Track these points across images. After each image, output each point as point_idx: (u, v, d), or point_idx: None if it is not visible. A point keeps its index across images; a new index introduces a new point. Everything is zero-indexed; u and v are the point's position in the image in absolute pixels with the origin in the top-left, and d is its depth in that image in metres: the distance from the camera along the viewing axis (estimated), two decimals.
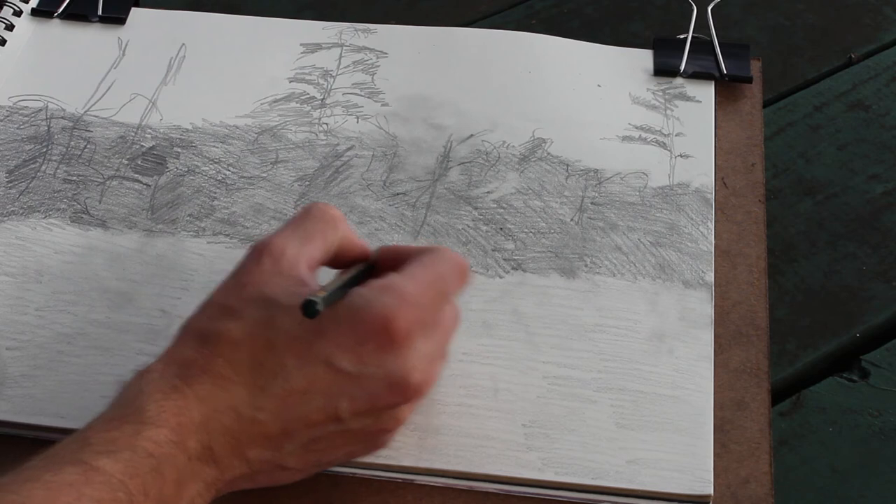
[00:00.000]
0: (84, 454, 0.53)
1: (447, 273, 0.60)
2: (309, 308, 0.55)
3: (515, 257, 0.71)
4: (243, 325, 0.57)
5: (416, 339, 0.57)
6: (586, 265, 0.71)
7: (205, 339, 0.57)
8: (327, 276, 0.61)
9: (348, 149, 0.77)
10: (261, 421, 0.56)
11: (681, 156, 0.76)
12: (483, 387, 0.66)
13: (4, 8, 0.84)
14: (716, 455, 0.63)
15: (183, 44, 0.83)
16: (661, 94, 0.80)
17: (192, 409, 0.55)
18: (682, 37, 0.83)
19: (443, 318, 0.60)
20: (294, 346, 0.56)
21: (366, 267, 0.62)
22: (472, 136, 0.78)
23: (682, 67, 0.81)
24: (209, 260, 0.71)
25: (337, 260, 0.62)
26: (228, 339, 0.56)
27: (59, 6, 0.85)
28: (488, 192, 0.75)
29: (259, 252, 0.59)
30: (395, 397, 0.57)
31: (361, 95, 0.80)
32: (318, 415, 0.57)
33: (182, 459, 0.54)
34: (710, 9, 0.83)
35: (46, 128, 0.78)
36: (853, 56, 0.86)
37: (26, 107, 0.79)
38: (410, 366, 0.57)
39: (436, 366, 0.59)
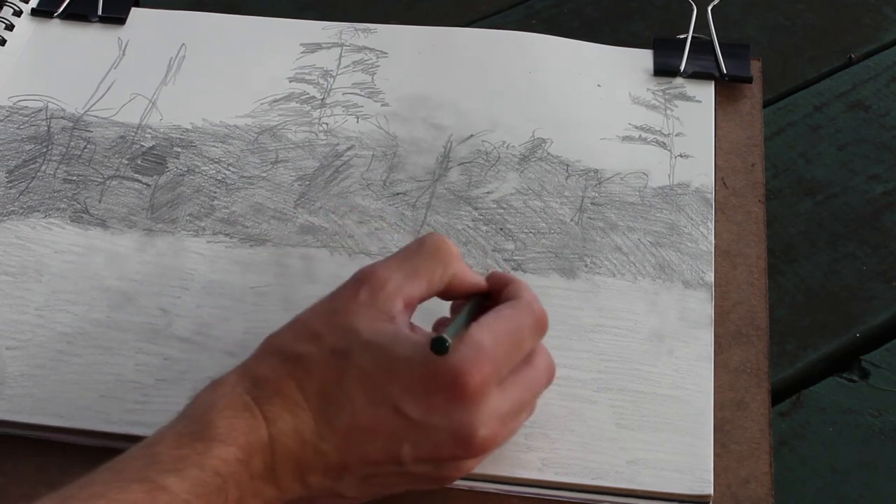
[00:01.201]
0: (151, 471, 0.52)
1: (525, 326, 0.58)
2: (438, 345, 0.54)
3: (515, 257, 0.71)
4: (321, 353, 0.56)
5: (489, 394, 0.56)
6: (586, 265, 0.71)
7: (283, 358, 0.56)
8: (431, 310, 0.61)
9: (348, 148, 0.77)
10: (323, 451, 0.55)
11: (681, 156, 0.76)
12: None
13: (4, 8, 0.84)
14: (716, 455, 0.63)
15: (183, 44, 0.83)
16: (661, 94, 0.80)
17: (260, 428, 0.54)
18: (682, 37, 0.83)
19: (526, 371, 0.59)
20: (365, 383, 0.55)
21: (479, 300, 0.60)
22: (472, 136, 0.78)
23: (682, 67, 0.81)
24: (209, 259, 0.71)
25: (448, 293, 0.61)
26: (304, 363, 0.56)
27: (59, 6, 0.85)
28: (488, 193, 0.75)
29: (360, 281, 0.58)
30: (458, 451, 0.57)
31: (361, 95, 0.80)
32: (380, 455, 0.56)
33: (245, 478, 0.54)
34: (710, 9, 0.83)
35: (46, 128, 0.78)
36: (853, 56, 0.86)
37: (26, 107, 0.79)
38: (479, 421, 0.56)
39: (508, 422, 0.58)
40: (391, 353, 0.56)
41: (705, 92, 0.80)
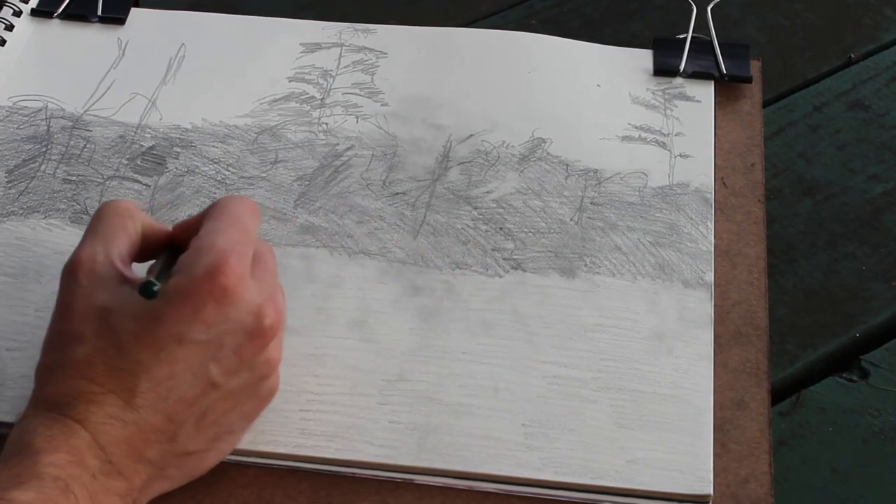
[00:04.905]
0: None
1: (240, 213, 0.61)
2: (147, 290, 0.56)
3: (515, 257, 0.71)
4: (86, 344, 0.57)
5: (247, 282, 0.58)
6: (586, 265, 0.71)
7: (59, 371, 0.57)
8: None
9: (348, 148, 0.77)
10: (144, 419, 0.56)
11: (680, 156, 0.76)
12: (483, 386, 0.66)
13: (4, 8, 0.84)
14: (715, 455, 0.63)
15: (183, 44, 0.83)
16: (660, 93, 0.80)
17: (77, 431, 0.55)
18: (681, 37, 0.83)
19: (260, 255, 0.61)
20: (140, 340, 0.56)
21: (175, 249, 0.62)
22: (471, 136, 0.78)
23: (682, 67, 0.81)
24: None
25: (144, 252, 0.62)
26: (79, 361, 0.57)
27: (58, 6, 0.85)
28: (488, 192, 0.75)
29: (71, 272, 0.59)
30: (256, 342, 0.58)
31: (361, 95, 0.80)
32: (194, 390, 0.57)
33: (87, 478, 0.54)
34: (709, 9, 0.83)
35: (46, 127, 0.78)
36: (853, 56, 0.86)
37: (26, 107, 0.79)
38: (255, 307, 0.58)
39: (277, 299, 0.60)
40: (144, 301, 0.57)
41: (705, 92, 0.80)
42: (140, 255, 0.62)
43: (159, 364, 0.57)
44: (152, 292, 0.56)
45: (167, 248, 0.62)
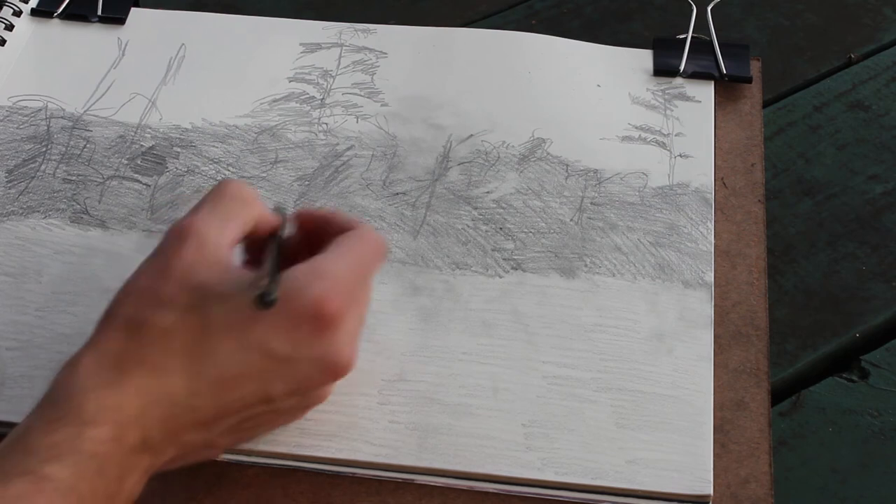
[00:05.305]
0: (30, 463, 0.52)
1: (369, 254, 0.61)
2: (263, 300, 0.55)
3: (515, 257, 0.71)
4: (175, 314, 0.56)
5: (346, 323, 0.58)
6: (586, 265, 0.71)
7: (135, 328, 0.56)
8: None
9: (348, 148, 0.77)
10: (197, 406, 0.56)
11: (680, 156, 0.77)
12: (483, 386, 0.66)
13: (4, 8, 0.84)
14: (715, 455, 0.63)
15: (183, 44, 0.83)
16: (660, 94, 0.80)
17: (130, 403, 0.55)
18: (681, 37, 0.83)
19: (367, 293, 0.61)
20: (230, 332, 0.56)
21: (279, 240, 0.61)
22: (471, 136, 0.78)
23: (682, 67, 0.81)
24: None
25: (254, 233, 0.62)
26: (161, 328, 0.56)
27: (58, 6, 0.85)
28: (488, 192, 0.75)
29: (182, 236, 0.59)
30: (326, 377, 0.59)
31: (361, 95, 0.80)
32: (252, 398, 0.57)
33: (121, 455, 0.54)
34: (709, 9, 0.83)
35: (46, 127, 0.78)
36: (853, 56, 0.86)
37: (26, 107, 0.79)
38: (341, 345, 0.58)
39: (357, 347, 0.60)
40: (246, 298, 0.56)
41: (705, 92, 0.80)
42: (245, 242, 0.62)
43: (234, 362, 0.56)
44: (269, 303, 0.55)
45: (270, 237, 0.61)
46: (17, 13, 0.84)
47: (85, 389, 0.55)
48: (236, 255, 0.61)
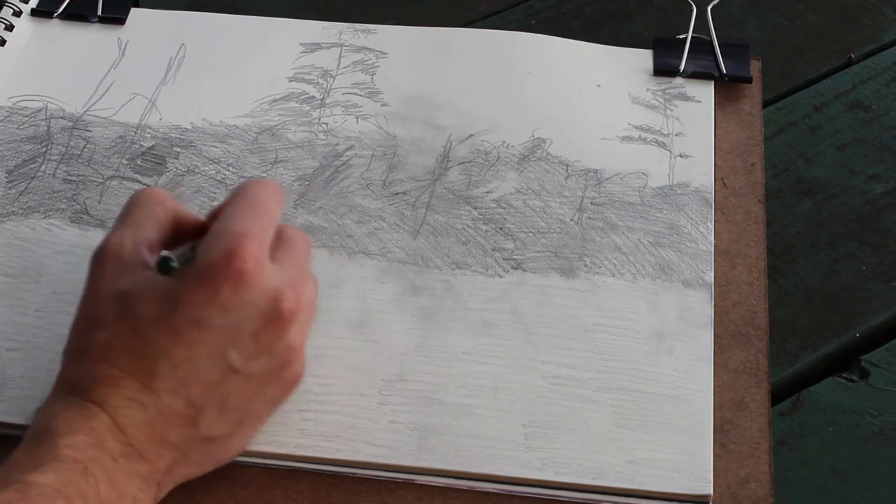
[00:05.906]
0: (13, 474, 0.53)
1: (259, 195, 0.61)
2: (164, 265, 0.56)
3: (515, 257, 0.71)
4: (107, 329, 0.57)
5: (265, 265, 0.58)
6: (586, 265, 0.71)
7: (81, 355, 0.58)
8: None
9: (348, 148, 0.77)
10: (165, 402, 0.57)
11: (680, 156, 0.76)
12: (483, 386, 0.66)
13: (4, 8, 0.84)
14: (715, 455, 0.63)
15: (183, 44, 0.83)
16: (660, 94, 0.80)
17: (97, 414, 0.56)
18: (681, 37, 0.83)
19: (289, 241, 0.61)
20: (159, 324, 0.57)
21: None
22: (471, 136, 0.78)
23: (682, 67, 0.81)
24: None
25: (175, 239, 0.62)
26: (100, 345, 0.57)
27: (58, 6, 0.85)
28: (488, 192, 0.75)
29: (100, 259, 0.60)
30: (275, 327, 0.58)
31: (361, 95, 0.80)
32: (213, 374, 0.57)
33: (107, 460, 0.55)
34: (709, 9, 0.83)
35: (46, 128, 0.78)
36: (853, 56, 0.86)
37: (26, 107, 0.79)
38: (273, 291, 0.58)
39: (303, 286, 0.60)
40: (164, 286, 0.57)
41: (705, 92, 0.80)
42: (171, 242, 0.62)
43: (178, 348, 0.57)
44: (169, 267, 0.56)
45: (198, 235, 0.62)
46: (17, 13, 0.84)
47: (52, 416, 0.56)
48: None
